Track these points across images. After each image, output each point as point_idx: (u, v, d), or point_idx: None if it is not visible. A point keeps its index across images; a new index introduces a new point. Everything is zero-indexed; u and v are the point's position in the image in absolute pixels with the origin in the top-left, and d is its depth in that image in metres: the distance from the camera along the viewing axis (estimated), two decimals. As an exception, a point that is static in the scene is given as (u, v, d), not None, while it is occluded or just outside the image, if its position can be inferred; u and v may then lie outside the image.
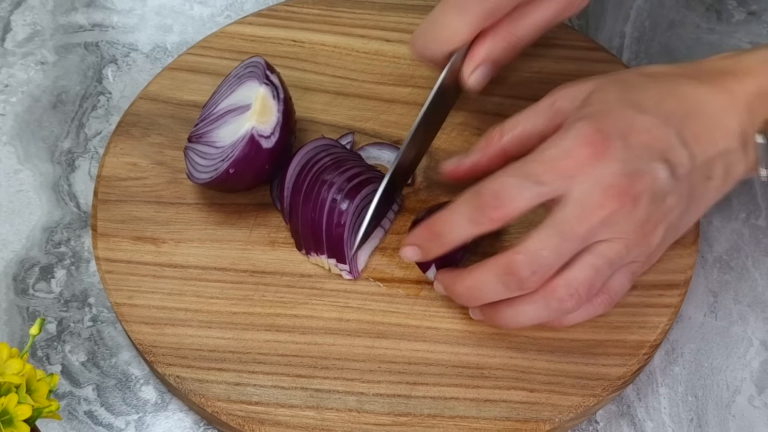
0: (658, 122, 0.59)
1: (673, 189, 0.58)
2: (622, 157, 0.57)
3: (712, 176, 0.60)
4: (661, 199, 0.58)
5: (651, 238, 0.59)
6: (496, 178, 0.59)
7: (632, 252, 0.59)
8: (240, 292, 0.66)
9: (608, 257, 0.58)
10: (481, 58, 0.65)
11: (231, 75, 0.69)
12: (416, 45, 0.66)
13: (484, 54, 0.65)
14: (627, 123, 0.58)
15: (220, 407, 0.61)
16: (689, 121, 0.59)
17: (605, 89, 0.61)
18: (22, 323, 0.68)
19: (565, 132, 0.58)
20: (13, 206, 0.74)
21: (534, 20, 0.65)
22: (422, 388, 0.62)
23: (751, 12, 0.85)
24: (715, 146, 0.60)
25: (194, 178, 0.67)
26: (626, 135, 0.58)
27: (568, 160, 0.57)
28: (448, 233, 0.60)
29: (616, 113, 0.59)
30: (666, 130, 0.59)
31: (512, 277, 0.58)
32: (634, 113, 0.59)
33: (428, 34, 0.65)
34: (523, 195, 0.58)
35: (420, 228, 0.62)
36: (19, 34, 0.84)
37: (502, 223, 0.58)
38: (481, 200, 0.59)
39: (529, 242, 0.57)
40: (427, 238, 0.62)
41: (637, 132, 0.58)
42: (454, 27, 0.64)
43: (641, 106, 0.59)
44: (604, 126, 0.58)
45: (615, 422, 0.64)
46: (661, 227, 0.59)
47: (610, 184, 0.57)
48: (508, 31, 0.65)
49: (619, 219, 0.57)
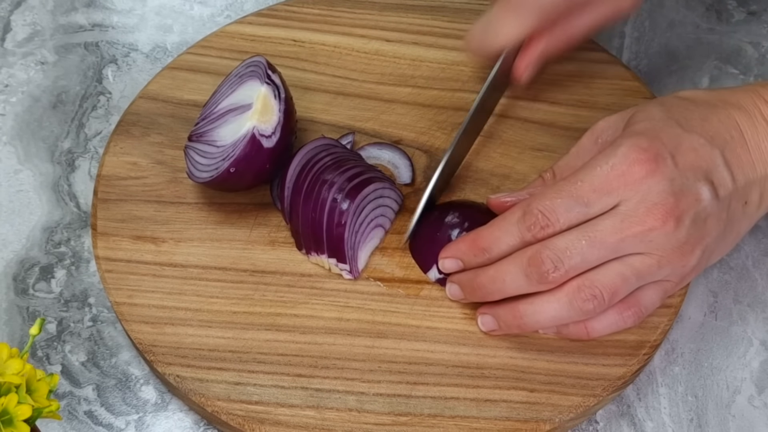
0: (704, 142, 0.59)
1: (713, 211, 0.59)
2: (671, 176, 0.58)
3: (749, 201, 0.61)
4: (702, 221, 0.58)
5: (687, 259, 0.59)
6: (545, 199, 0.59)
7: (664, 269, 0.59)
8: (240, 292, 0.66)
9: (638, 269, 0.58)
10: (536, 57, 0.70)
11: (232, 74, 0.69)
12: (472, 43, 0.70)
13: (539, 53, 0.70)
14: (675, 141, 0.59)
15: (220, 407, 0.61)
16: (731, 144, 0.60)
17: (648, 110, 0.62)
18: (22, 323, 0.68)
19: (615, 149, 0.59)
20: (13, 206, 0.74)
21: (587, 22, 0.69)
22: (422, 388, 0.62)
23: (751, 12, 0.85)
24: (754, 171, 0.60)
25: (194, 177, 0.67)
26: (674, 153, 0.58)
27: (619, 179, 0.58)
28: (495, 248, 0.61)
29: (664, 131, 0.59)
30: (712, 151, 0.59)
31: (535, 269, 0.58)
32: (681, 131, 0.59)
33: (484, 34, 0.69)
34: (569, 217, 0.58)
35: (463, 241, 0.63)
36: (19, 34, 0.84)
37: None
38: (531, 220, 0.59)
39: (558, 240, 0.58)
40: (472, 252, 0.62)
41: (685, 151, 0.59)
42: (510, 29, 0.68)
43: (687, 126, 0.60)
44: (654, 144, 0.58)
45: (615, 422, 0.64)
46: (698, 249, 0.59)
47: (657, 202, 0.57)
48: (562, 32, 0.69)
49: (658, 237, 0.57)
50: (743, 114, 0.61)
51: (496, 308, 0.62)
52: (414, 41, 0.78)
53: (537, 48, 0.70)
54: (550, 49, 0.70)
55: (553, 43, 0.70)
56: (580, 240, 0.58)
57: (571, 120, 0.74)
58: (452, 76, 0.76)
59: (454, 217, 0.66)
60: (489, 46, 0.69)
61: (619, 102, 0.74)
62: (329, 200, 0.65)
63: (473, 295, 0.63)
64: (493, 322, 0.63)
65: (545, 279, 0.58)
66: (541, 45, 0.70)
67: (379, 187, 0.67)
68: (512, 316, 0.61)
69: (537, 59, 0.70)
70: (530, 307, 0.60)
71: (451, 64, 0.77)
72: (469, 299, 0.64)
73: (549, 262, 0.58)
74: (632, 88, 0.75)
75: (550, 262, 0.58)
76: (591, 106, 0.75)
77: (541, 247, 0.58)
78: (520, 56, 0.70)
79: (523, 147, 0.73)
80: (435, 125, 0.74)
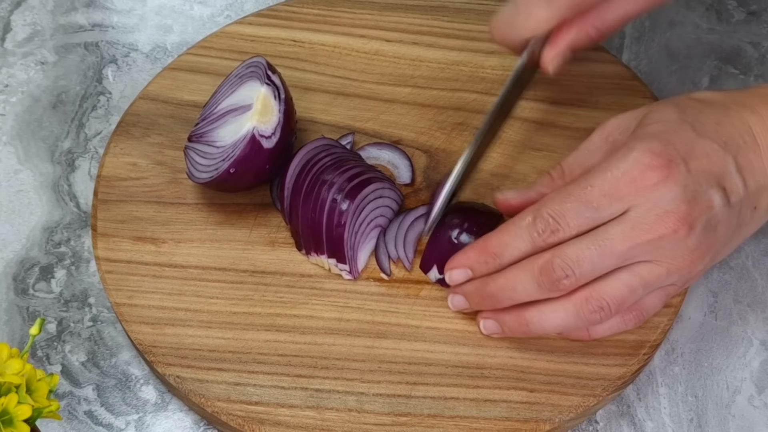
0: (717, 147, 0.58)
1: (724, 218, 0.58)
2: (683, 182, 0.57)
3: (758, 207, 0.60)
4: (712, 228, 0.58)
5: (695, 265, 0.58)
6: (554, 204, 0.58)
7: (672, 276, 0.59)
8: (240, 292, 0.66)
9: (645, 279, 0.58)
10: (565, 47, 0.66)
11: (232, 75, 0.69)
12: (497, 30, 0.66)
13: (568, 43, 0.66)
14: (689, 146, 0.58)
15: (220, 407, 0.61)
16: (744, 149, 0.59)
17: (662, 111, 0.61)
18: (22, 323, 0.68)
19: (627, 153, 0.58)
20: (13, 206, 0.74)
21: (620, 13, 0.65)
22: (422, 388, 0.62)
23: (751, 12, 0.85)
24: (765, 176, 0.60)
25: (194, 178, 0.67)
26: (687, 159, 0.58)
27: (630, 185, 0.57)
28: (506, 254, 0.60)
29: (678, 134, 0.58)
30: (725, 157, 0.58)
31: (547, 278, 0.58)
32: (694, 136, 0.59)
33: (512, 21, 0.65)
34: (579, 222, 0.58)
35: (472, 248, 0.62)
36: (19, 34, 0.84)
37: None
38: (542, 225, 0.58)
39: (568, 248, 0.58)
40: (482, 258, 0.61)
41: (698, 156, 0.58)
42: (539, 17, 0.64)
43: (701, 130, 0.59)
44: (667, 148, 0.57)
45: (615, 422, 0.64)
46: (708, 256, 0.59)
47: (668, 210, 0.57)
48: (593, 22, 0.65)
49: (668, 244, 0.57)
50: (756, 118, 0.60)
51: (501, 314, 0.62)
52: (414, 41, 0.78)
53: (567, 37, 0.66)
54: (581, 38, 0.66)
55: (584, 33, 0.66)
56: (591, 248, 0.57)
57: (571, 120, 0.74)
58: (452, 76, 0.76)
59: (454, 218, 0.66)
60: (517, 34, 0.65)
61: (618, 102, 0.74)
62: (329, 200, 0.65)
63: (481, 305, 0.62)
64: (495, 326, 0.62)
65: (556, 287, 0.58)
66: (572, 34, 0.65)
67: (379, 187, 0.67)
68: (518, 323, 0.61)
69: (566, 49, 0.66)
70: (537, 314, 0.60)
71: (451, 64, 0.77)
72: (475, 308, 0.63)
73: (560, 271, 0.57)
74: (632, 87, 0.75)
75: (562, 271, 0.57)
76: (591, 106, 0.75)
77: (551, 255, 0.58)
78: (549, 45, 0.66)
79: (523, 147, 0.73)
80: (435, 125, 0.74)
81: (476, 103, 0.74)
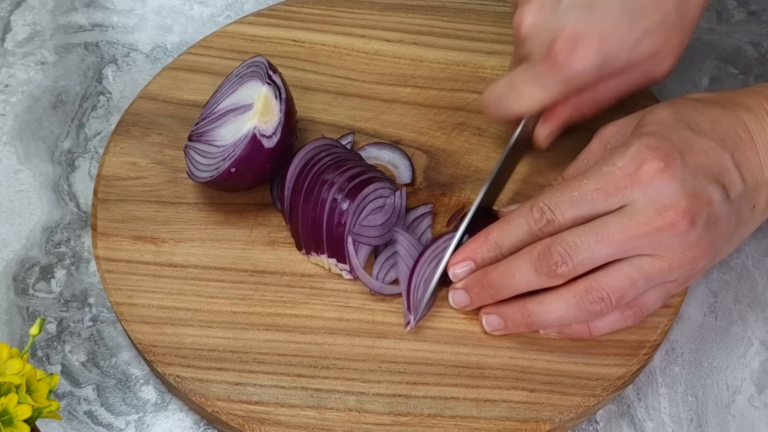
0: (714, 144, 0.59)
1: (724, 214, 0.59)
2: (681, 177, 0.57)
3: (757, 204, 0.61)
4: (713, 224, 0.58)
5: (697, 262, 0.59)
6: (551, 195, 0.60)
7: (674, 273, 0.59)
8: (240, 292, 0.66)
9: (647, 273, 0.58)
10: (559, 125, 0.67)
11: (233, 74, 0.69)
12: (489, 106, 0.66)
13: (563, 120, 0.67)
14: (686, 143, 0.59)
15: (220, 407, 0.61)
16: (741, 146, 0.60)
17: (657, 113, 0.61)
18: (22, 323, 0.68)
19: (625, 149, 0.59)
20: (13, 206, 0.74)
21: (616, 89, 0.66)
22: (422, 388, 0.62)
23: (751, 12, 0.85)
24: (762, 174, 0.60)
25: (195, 177, 0.67)
26: (684, 154, 0.58)
27: (627, 178, 0.58)
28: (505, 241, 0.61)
29: (674, 133, 0.59)
30: (723, 153, 0.59)
31: (544, 263, 0.58)
32: (691, 134, 0.59)
33: (504, 99, 0.65)
34: (573, 213, 0.59)
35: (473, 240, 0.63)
36: (19, 34, 0.84)
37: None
38: (538, 214, 0.60)
39: (566, 235, 0.58)
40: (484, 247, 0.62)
41: (695, 152, 0.58)
42: (532, 98, 0.64)
43: (697, 128, 0.60)
44: (664, 144, 0.58)
45: (615, 422, 0.64)
46: (710, 253, 0.59)
47: (667, 204, 0.57)
48: (589, 98, 0.66)
49: (669, 238, 0.57)
50: (752, 116, 0.61)
51: (503, 307, 0.62)
52: (414, 41, 0.78)
53: (561, 115, 0.66)
54: (575, 116, 0.67)
55: (578, 110, 0.67)
56: (587, 235, 0.58)
57: (571, 120, 0.74)
58: (452, 76, 0.76)
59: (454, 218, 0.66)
60: (509, 112, 0.65)
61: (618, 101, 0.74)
62: (329, 200, 0.65)
63: (482, 296, 0.63)
64: (499, 321, 0.63)
65: (554, 273, 0.59)
66: (566, 112, 0.66)
67: (379, 187, 0.67)
68: (521, 315, 0.61)
69: (560, 127, 0.67)
70: (539, 306, 0.61)
71: (451, 64, 0.77)
72: (476, 303, 0.63)
73: (557, 255, 0.58)
74: (632, 88, 0.75)
75: (559, 256, 0.58)
76: (591, 106, 0.74)
77: (550, 241, 0.59)
78: (543, 122, 0.67)
79: (523, 147, 0.73)
80: (435, 125, 0.74)
81: (476, 103, 0.74)
